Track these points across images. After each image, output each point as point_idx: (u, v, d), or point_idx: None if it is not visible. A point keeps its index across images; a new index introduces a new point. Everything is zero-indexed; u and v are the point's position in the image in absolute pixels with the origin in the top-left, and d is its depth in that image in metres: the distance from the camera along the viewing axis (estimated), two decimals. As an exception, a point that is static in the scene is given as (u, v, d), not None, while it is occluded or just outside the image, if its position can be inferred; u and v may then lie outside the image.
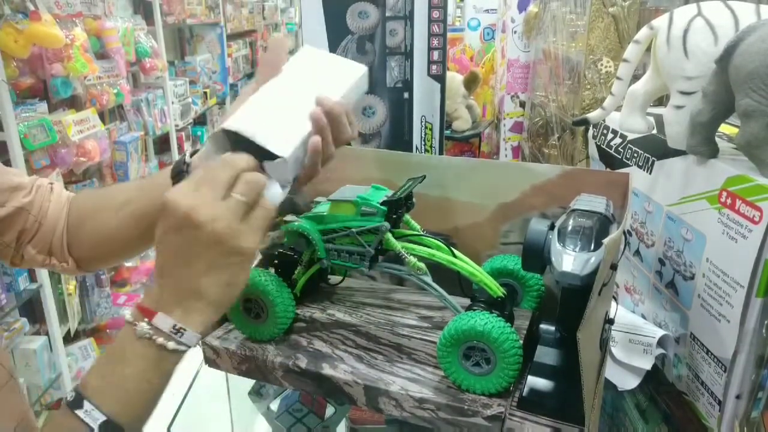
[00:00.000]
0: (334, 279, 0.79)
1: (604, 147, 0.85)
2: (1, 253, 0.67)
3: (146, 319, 0.46)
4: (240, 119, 0.55)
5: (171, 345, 0.46)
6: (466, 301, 0.63)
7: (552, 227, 0.57)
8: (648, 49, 0.68)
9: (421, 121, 1.10)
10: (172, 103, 3.28)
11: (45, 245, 0.67)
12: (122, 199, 0.66)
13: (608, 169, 0.83)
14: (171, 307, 0.47)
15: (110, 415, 0.45)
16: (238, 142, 0.55)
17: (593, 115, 0.77)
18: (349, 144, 0.60)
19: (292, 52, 0.64)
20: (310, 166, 0.58)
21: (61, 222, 0.67)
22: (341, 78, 0.61)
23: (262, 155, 0.53)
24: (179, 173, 0.61)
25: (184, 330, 0.47)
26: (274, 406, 0.92)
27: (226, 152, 0.53)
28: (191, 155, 0.62)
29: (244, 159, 0.50)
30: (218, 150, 0.57)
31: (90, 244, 0.67)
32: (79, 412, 0.44)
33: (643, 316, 0.75)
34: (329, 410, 0.91)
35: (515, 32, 1.46)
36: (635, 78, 0.72)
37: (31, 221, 0.66)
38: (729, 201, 0.57)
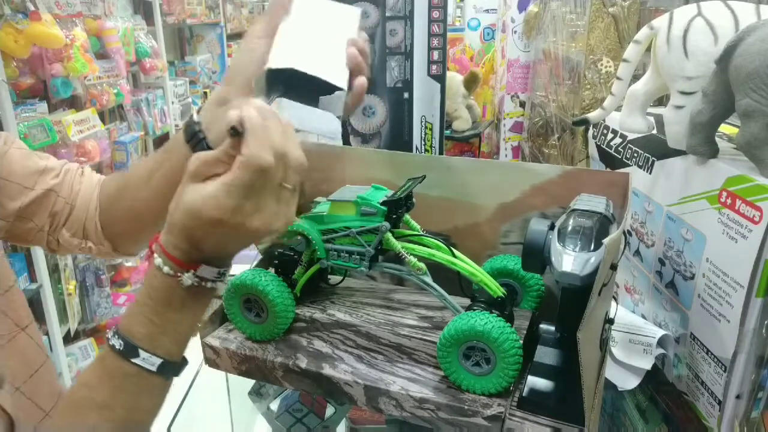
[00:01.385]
0: (334, 279, 0.79)
1: (604, 147, 0.85)
2: (35, 239, 0.67)
3: (192, 271, 0.48)
4: (287, 56, 0.53)
5: (219, 286, 0.50)
6: (466, 301, 0.63)
7: (552, 227, 0.57)
8: (648, 49, 0.68)
9: (421, 121, 1.10)
10: (172, 103, 3.28)
11: (79, 228, 0.67)
12: (145, 171, 0.66)
13: (608, 169, 0.83)
14: (210, 260, 0.49)
15: (165, 357, 0.49)
16: (281, 80, 0.53)
17: (593, 115, 0.77)
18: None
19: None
20: (352, 105, 0.59)
21: (93, 204, 0.67)
22: (347, 18, 0.61)
23: (308, 92, 0.53)
24: (194, 136, 0.59)
25: (226, 272, 0.51)
26: (274, 406, 0.93)
27: (263, 94, 0.53)
28: (198, 111, 0.61)
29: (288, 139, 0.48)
30: (259, 92, 0.55)
31: (123, 222, 0.67)
32: (136, 360, 0.48)
33: (643, 316, 0.75)
34: (329, 410, 0.91)
35: (515, 32, 1.46)
36: (635, 78, 0.72)
37: (62, 204, 0.66)
38: (729, 201, 0.57)
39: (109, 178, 0.70)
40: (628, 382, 0.69)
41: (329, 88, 0.53)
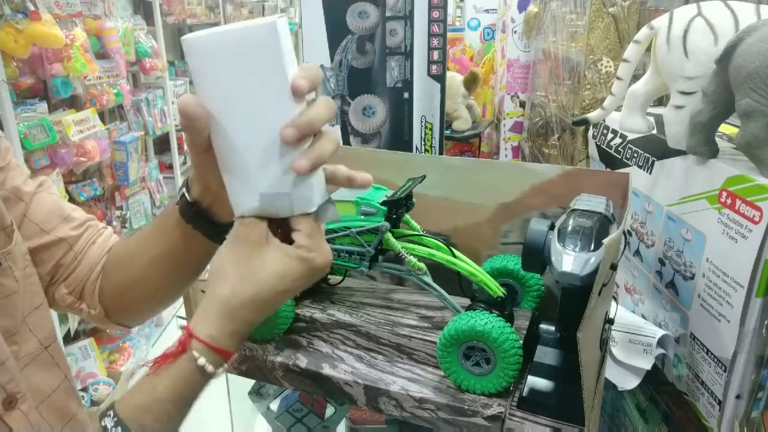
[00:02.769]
0: (334, 279, 0.79)
1: (604, 147, 0.85)
2: None
3: (225, 362, 0.49)
4: (251, 202, 0.48)
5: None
6: (466, 301, 0.63)
7: (552, 227, 0.57)
8: (648, 49, 0.68)
9: (421, 121, 1.10)
10: (172, 103, 3.28)
11: (78, 287, 0.65)
12: (140, 246, 0.63)
13: (608, 169, 0.83)
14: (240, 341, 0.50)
15: None
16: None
17: (593, 115, 0.77)
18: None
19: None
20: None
21: (99, 267, 0.65)
22: (269, 60, 0.44)
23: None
24: (197, 215, 0.55)
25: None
26: (274, 406, 0.93)
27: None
28: (186, 188, 0.55)
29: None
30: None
31: (116, 291, 0.65)
32: None
33: (643, 316, 0.75)
34: (329, 410, 0.91)
35: (515, 32, 1.46)
36: (635, 78, 0.72)
37: (70, 257, 0.64)
38: (729, 201, 0.57)
39: (118, 242, 0.68)
40: (628, 382, 0.69)
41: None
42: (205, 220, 0.55)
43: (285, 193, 0.46)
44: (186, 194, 0.55)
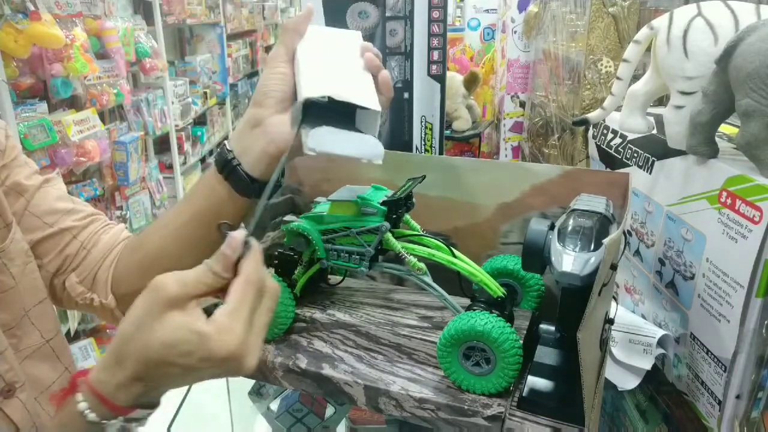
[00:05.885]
0: (334, 279, 0.79)
1: (604, 147, 0.85)
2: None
3: (121, 417, 0.43)
4: (322, 85, 0.56)
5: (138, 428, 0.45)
6: (466, 301, 0.63)
7: (552, 227, 0.57)
8: (648, 49, 0.68)
9: (421, 121, 1.10)
10: (172, 103, 3.29)
11: (89, 276, 0.65)
12: (162, 221, 0.64)
13: (608, 169, 0.83)
14: (153, 401, 0.45)
15: None
16: (317, 109, 0.56)
17: (593, 115, 0.77)
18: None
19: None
20: (385, 103, 0.62)
21: (112, 256, 0.66)
22: (352, 41, 0.64)
23: (344, 118, 0.56)
24: (227, 163, 0.59)
25: (153, 412, 0.46)
26: (274, 406, 0.92)
27: (297, 124, 0.55)
28: (226, 141, 0.61)
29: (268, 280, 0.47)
30: (295, 122, 0.56)
31: (132, 277, 0.64)
32: None
33: (643, 316, 0.75)
34: (329, 410, 0.91)
35: (515, 32, 1.46)
36: (635, 78, 0.72)
37: (76, 246, 0.65)
38: (729, 201, 0.57)
39: (135, 235, 0.69)
40: (628, 382, 0.69)
41: (364, 112, 0.56)
42: (235, 170, 0.58)
43: (356, 84, 0.58)
44: (226, 145, 0.60)
